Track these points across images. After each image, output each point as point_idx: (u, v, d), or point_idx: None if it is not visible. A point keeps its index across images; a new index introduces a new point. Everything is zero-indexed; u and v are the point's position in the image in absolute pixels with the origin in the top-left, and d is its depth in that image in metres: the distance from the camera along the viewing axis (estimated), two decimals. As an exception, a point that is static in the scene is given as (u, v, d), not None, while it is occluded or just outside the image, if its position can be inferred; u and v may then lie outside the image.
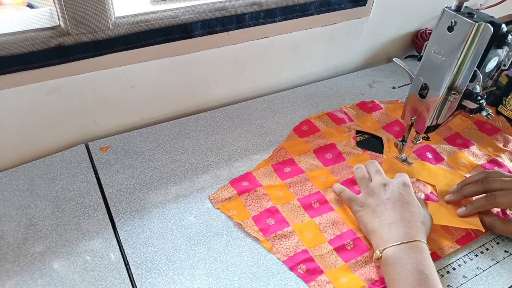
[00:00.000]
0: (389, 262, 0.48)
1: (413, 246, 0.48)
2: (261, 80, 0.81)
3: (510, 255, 0.55)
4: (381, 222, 0.52)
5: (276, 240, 0.54)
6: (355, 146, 0.70)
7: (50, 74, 0.58)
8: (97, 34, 0.58)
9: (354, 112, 0.78)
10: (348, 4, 0.78)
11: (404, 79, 0.88)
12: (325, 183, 0.63)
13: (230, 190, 0.61)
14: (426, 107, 0.57)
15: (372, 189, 0.56)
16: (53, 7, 0.55)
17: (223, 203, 0.59)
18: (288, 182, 0.63)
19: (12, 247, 0.52)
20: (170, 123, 0.72)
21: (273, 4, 0.69)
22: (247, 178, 0.63)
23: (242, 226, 0.56)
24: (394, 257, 0.48)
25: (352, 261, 0.53)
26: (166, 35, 0.63)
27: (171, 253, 0.53)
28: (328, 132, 0.72)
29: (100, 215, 0.56)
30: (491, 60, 0.52)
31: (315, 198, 0.60)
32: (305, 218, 0.58)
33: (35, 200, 0.58)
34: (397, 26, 0.91)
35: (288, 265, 0.52)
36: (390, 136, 0.73)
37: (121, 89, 0.66)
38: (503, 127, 0.76)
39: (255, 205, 0.58)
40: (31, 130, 0.63)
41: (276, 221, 0.57)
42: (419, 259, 0.47)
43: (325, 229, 0.56)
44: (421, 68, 0.56)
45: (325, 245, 0.55)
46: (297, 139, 0.71)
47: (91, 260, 0.51)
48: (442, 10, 0.51)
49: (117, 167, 0.63)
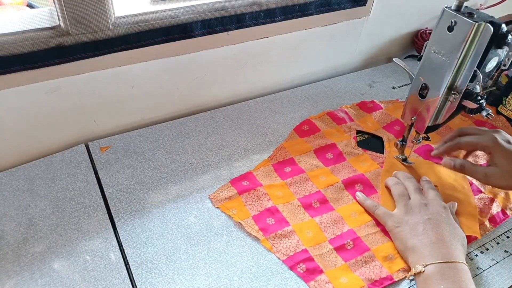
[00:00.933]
0: (432, 277, 0.48)
1: (456, 266, 0.49)
2: (261, 80, 0.81)
3: (510, 255, 0.55)
4: (422, 241, 0.52)
5: (276, 240, 0.54)
6: (355, 146, 0.70)
7: (50, 74, 0.58)
8: (97, 34, 0.58)
9: (355, 112, 0.78)
10: (348, 4, 0.78)
11: (404, 79, 0.88)
12: (325, 182, 0.63)
13: (230, 189, 0.61)
14: (426, 107, 0.57)
15: (411, 207, 0.56)
16: (53, 7, 0.55)
17: (223, 202, 0.59)
18: (289, 182, 0.63)
19: (12, 247, 0.52)
20: (170, 123, 0.72)
21: (273, 4, 0.69)
22: (247, 177, 0.63)
23: (242, 225, 0.56)
24: (438, 273, 0.48)
25: (352, 261, 0.53)
26: (166, 35, 0.63)
27: (171, 253, 0.53)
28: (328, 132, 0.72)
29: (100, 215, 0.56)
30: (491, 60, 0.52)
31: (316, 197, 0.60)
32: (305, 218, 0.58)
33: (35, 200, 0.58)
34: (397, 26, 0.91)
35: (288, 264, 0.52)
36: (390, 136, 0.73)
37: (121, 89, 0.66)
38: (503, 127, 0.76)
39: (255, 205, 0.58)
40: (31, 130, 0.63)
41: (276, 220, 0.57)
42: (462, 278, 0.48)
43: (326, 228, 0.56)
44: (421, 68, 0.56)
45: (325, 244, 0.55)
46: (298, 139, 0.71)
47: (91, 260, 0.51)
48: (442, 10, 0.51)
49: (117, 167, 0.63)
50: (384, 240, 0.56)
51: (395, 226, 0.55)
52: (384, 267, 0.52)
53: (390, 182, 0.61)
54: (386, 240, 0.56)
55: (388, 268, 0.52)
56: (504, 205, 0.61)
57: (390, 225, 0.56)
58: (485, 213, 0.60)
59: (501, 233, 0.58)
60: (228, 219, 0.57)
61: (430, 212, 0.55)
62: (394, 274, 0.52)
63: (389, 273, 0.52)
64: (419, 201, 0.57)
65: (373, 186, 0.63)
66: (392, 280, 0.51)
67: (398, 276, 0.52)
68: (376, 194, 0.62)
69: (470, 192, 0.63)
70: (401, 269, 0.52)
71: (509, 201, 0.62)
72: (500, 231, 0.58)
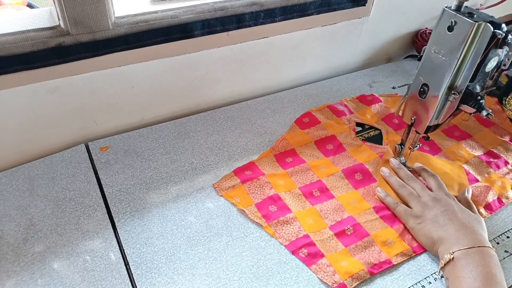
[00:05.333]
0: (458, 263, 0.49)
1: (482, 251, 0.50)
2: (261, 80, 0.81)
3: (510, 255, 0.55)
4: (447, 231, 0.53)
5: (279, 226, 0.56)
6: (355, 137, 0.71)
7: (50, 74, 0.58)
8: (97, 34, 0.58)
9: (354, 105, 0.79)
10: (348, 4, 0.78)
11: (404, 79, 0.88)
12: (326, 172, 0.64)
13: (233, 178, 0.62)
14: (426, 107, 0.57)
15: (426, 203, 0.57)
16: (53, 7, 0.55)
17: (227, 191, 0.60)
18: (290, 171, 0.64)
19: (12, 247, 0.52)
20: (170, 123, 0.72)
21: (273, 4, 0.69)
22: (250, 167, 0.64)
23: (246, 212, 0.57)
24: (464, 259, 0.49)
25: (352, 246, 0.54)
26: (166, 35, 0.63)
27: (171, 253, 0.53)
28: (328, 124, 0.73)
29: (100, 215, 0.56)
30: (491, 60, 0.52)
31: (316, 186, 0.62)
32: (307, 205, 0.59)
33: (35, 200, 0.58)
34: (397, 26, 0.91)
35: (290, 249, 0.54)
36: (389, 129, 0.74)
37: (121, 89, 0.66)
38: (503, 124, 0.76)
39: (258, 193, 0.60)
40: (31, 130, 0.63)
41: (279, 208, 0.58)
42: (487, 263, 0.48)
43: (326, 215, 0.58)
44: (421, 68, 0.56)
45: (325, 230, 0.56)
46: (299, 130, 0.72)
47: (91, 260, 0.51)
48: (442, 10, 0.51)
49: (117, 167, 0.63)
50: (383, 226, 0.57)
51: (417, 223, 0.56)
52: (383, 252, 0.54)
53: (395, 185, 0.62)
54: (385, 226, 0.57)
55: (387, 253, 0.54)
56: (500, 193, 0.63)
57: (412, 222, 0.56)
58: (481, 201, 0.61)
59: (501, 233, 0.58)
60: (228, 219, 0.57)
61: (443, 204, 0.56)
62: (393, 258, 0.53)
63: (388, 257, 0.53)
64: (430, 196, 0.58)
65: (372, 175, 0.64)
66: (391, 264, 0.53)
67: (397, 260, 0.53)
68: (375, 183, 0.63)
69: (466, 181, 0.64)
70: (400, 253, 0.54)
71: (505, 190, 0.64)
72: (500, 231, 0.58)
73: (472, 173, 0.66)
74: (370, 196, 0.61)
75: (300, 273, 0.52)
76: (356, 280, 0.50)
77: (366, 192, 0.62)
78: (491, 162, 0.68)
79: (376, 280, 0.52)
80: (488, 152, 0.70)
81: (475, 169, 0.66)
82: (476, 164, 0.67)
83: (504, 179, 0.65)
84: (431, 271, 0.53)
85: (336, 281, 0.50)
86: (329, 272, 0.51)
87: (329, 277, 0.51)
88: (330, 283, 0.50)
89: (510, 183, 0.64)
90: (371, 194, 0.62)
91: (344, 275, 0.50)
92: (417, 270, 0.53)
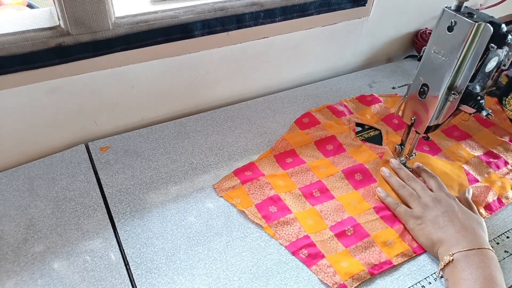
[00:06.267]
0: (458, 264, 0.49)
1: (482, 253, 0.50)
2: (261, 80, 0.81)
3: (510, 255, 0.55)
4: (446, 232, 0.53)
5: (279, 227, 0.56)
6: (354, 137, 0.71)
7: (50, 74, 0.58)
8: (97, 34, 0.58)
9: (354, 105, 0.79)
10: (348, 4, 0.78)
11: (404, 79, 0.88)
12: (326, 173, 0.64)
13: (233, 179, 0.62)
14: (426, 107, 0.57)
15: (426, 204, 0.57)
16: (53, 7, 0.55)
17: (227, 191, 0.60)
18: (290, 172, 0.64)
19: (12, 247, 0.52)
20: (170, 123, 0.72)
21: (273, 4, 0.69)
22: (250, 168, 0.64)
23: (246, 213, 0.57)
24: (464, 261, 0.49)
25: (352, 247, 0.54)
26: (166, 35, 0.63)
27: (171, 253, 0.53)
28: (328, 125, 0.73)
29: (100, 215, 0.56)
30: (491, 60, 0.52)
31: (316, 187, 0.62)
32: (307, 206, 0.59)
33: (35, 200, 0.58)
34: (397, 26, 0.91)
35: (290, 250, 0.54)
36: (389, 129, 0.74)
37: (121, 89, 0.66)
38: (503, 124, 0.76)
39: (258, 194, 0.60)
40: (31, 130, 0.63)
41: (279, 208, 0.58)
42: (487, 264, 0.48)
43: (326, 216, 0.58)
44: (421, 68, 0.56)
45: (326, 231, 0.56)
46: (298, 131, 0.72)
47: (91, 260, 0.51)
48: (442, 10, 0.51)
49: (117, 167, 0.63)
50: (383, 226, 0.57)
51: (417, 224, 0.56)
52: (384, 252, 0.54)
53: (395, 185, 0.62)
54: (385, 227, 0.57)
55: (387, 253, 0.54)
56: (500, 194, 0.63)
57: (412, 222, 0.56)
58: (481, 201, 0.61)
59: (501, 233, 0.58)
60: (228, 219, 0.57)
61: (444, 205, 0.56)
62: (393, 259, 0.53)
63: (388, 258, 0.53)
64: (431, 196, 0.58)
65: (372, 175, 0.64)
66: (391, 264, 0.53)
67: (397, 260, 0.53)
68: (375, 184, 0.63)
69: (466, 181, 0.64)
70: (400, 254, 0.54)
71: (505, 190, 0.64)
72: (500, 231, 0.58)
73: (472, 173, 0.66)
74: (370, 197, 0.61)
75: (300, 273, 0.52)
76: (357, 281, 0.50)
77: (366, 193, 0.62)
78: (491, 162, 0.68)
79: (376, 281, 0.52)
80: (488, 152, 0.70)
81: (475, 169, 0.66)
82: (476, 164, 0.67)
83: (504, 179, 0.65)
84: (431, 271, 0.53)
85: (336, 282, 0.50)
86: (329, 273, 0.51)
87: (330, 278, 0.50)
88: (330, 284, 0.50)
89: (510, 183, 0.64)
90: (371, 194, 0.62)
91: (344, 276, 0.50)
92: (417, 270, 0.53)
